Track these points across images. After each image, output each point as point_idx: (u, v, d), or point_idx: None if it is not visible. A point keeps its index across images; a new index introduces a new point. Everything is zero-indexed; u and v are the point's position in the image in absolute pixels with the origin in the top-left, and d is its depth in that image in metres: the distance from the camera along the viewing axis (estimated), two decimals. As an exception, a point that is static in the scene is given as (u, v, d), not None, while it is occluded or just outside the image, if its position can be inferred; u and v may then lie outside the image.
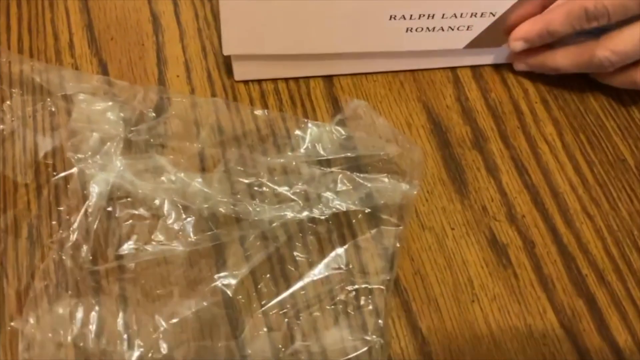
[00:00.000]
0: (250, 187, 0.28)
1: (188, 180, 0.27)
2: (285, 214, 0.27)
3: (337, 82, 0.36)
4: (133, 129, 0.29)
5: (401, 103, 0.36)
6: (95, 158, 0.27)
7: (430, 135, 0.35)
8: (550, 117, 0.35)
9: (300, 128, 0.30)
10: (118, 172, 0.27)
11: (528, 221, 0.32)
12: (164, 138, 0.31)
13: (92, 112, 0.28)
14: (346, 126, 0.31)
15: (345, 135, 0.30)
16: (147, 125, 0.29)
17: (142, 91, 0.30)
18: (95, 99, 0.29)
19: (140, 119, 0.29)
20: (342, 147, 0.30)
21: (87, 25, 0.38)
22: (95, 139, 0.27)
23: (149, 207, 0.27)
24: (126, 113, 0.29)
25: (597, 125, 0.35)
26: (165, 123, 0.30)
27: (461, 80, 0.36)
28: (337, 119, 0.31)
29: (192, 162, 0.31)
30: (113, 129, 0.28)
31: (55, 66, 0.34)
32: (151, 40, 0.37)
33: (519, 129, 0.35)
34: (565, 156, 0.34)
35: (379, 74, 0.36)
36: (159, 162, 0.27)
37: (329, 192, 0.28)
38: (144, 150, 0.30)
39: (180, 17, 0.38)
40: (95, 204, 0.27)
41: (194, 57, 0.37)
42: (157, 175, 0.27)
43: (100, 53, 0.37)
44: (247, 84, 0.36)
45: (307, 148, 0.29)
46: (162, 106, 0.31)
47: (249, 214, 0.27)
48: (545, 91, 0.36)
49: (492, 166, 0.34)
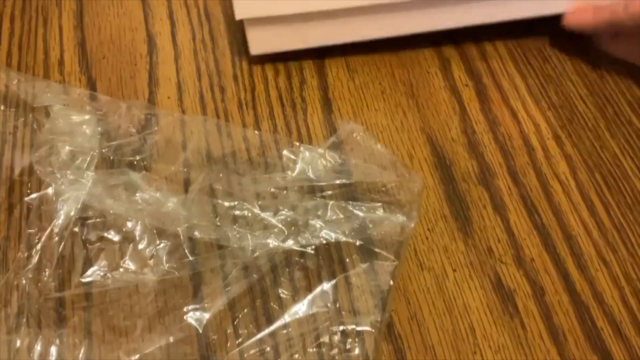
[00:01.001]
0: (231, 210, 0.26)
1: (163, 200, 0.25)
2: (267, 242, 0.25)
3: (336, 110, 0.34)
4: (110, 145, 0.27)
5: (403, 133, 0.33)
6: (65, 172, 0.25)
7: (433, 168, 0.32)
8: (563, 154, 0.33)
9: (292, 151, 0.28)
10: (89, 188, 0.25)
11: (537, 265, 0.29)
12: (146, 155, 0.29)
13: (67, 124, 0.26)
14: (341, 151, 0.29)
15: (339, 161, 0.28)
16: (127, 141, 0.27)
17: (124, 106, 0.29)
18: (71, 110, 0.27)
19: (120, 134, 0.28)
20: (335, 173, 0.27)
21: (80, 42, 0.36)
22: (66, 153, 0.25)
23: (120, 229, 0.25)
24: (104, 127, 0.27)
25: (614, 163, 0.32)
26: (147, 140, 0.28)
27: (468, 112, 0.34)
28: (331, 141, 0.29)
29: (174, 181, 0.29)
30: (87, 143, 0.26)
31: (40, 79, 0.32)
32: (144, 60, 0.36)
33: (529, 166, 0.32)
34: (579, 196, 0.31)
35: (381, 103, 0.34)
36: (133, 178, 0.25)
37: (317, 220, 0.25)
38: (121, 166, 0.28)
39: (177, 38, 0.37)
40: (62, 224, 0.25)
41: (187, 78, 0.35)
42: (131, 193, 0.25)
43: (90, 71, 0.35)
44: (240, 108, 0.34)
45: (297, 173, 0.27)
46: (146, 122, 0.29)
47: (229, 240, 0.25)
48: (557, 126, 0.34)
49: (499, 204, 0.31)
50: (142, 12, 0.38)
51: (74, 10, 0.38)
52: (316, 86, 0.35)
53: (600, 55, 0.36)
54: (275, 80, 0.35)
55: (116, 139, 0.27)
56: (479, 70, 0.36)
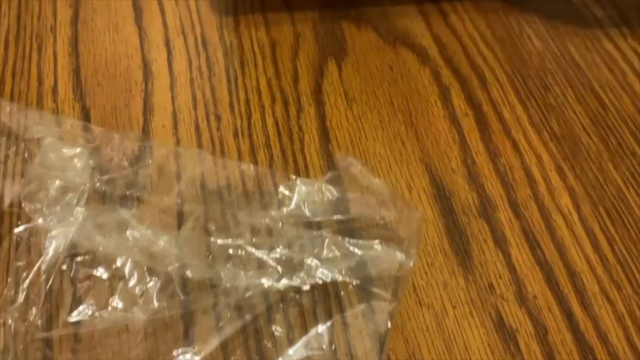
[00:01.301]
0: (224, 249, 0.25)
1: (154, 238, 0.24)
2: (261, 282, 0.24)
3: (333, 139, 0.34)
4: (102, 178, 0.26)
5: (402, 164, 0.33)
6: (54, 209, 0.24)
7: (432, 200, 0.31)
8: (566, 187, 0.32)
9: (287, 185, 0.27)
10: (78, 225, 0.24)
11: (540, 303, 0.28)
12: (139, 189, 0.29)
13: (58, 157, 0.26)
14: (339, 185, 0.28)
15: (337, 196, 0.27)
16: (119, 175, 0.27)
17: (117, 137, 0.28)
18: (63, 143, 0.26)
19: (113, 167, 0.27)
20: (332, 208, 0.27)
21: (74, 69, 0.36)
22: (56, 188, 0.24)
23: (110, 266, 0.24)
24: (96, 160, 0.26)
25: (618, 197, 0.32)
26: (140, 173, 0.27)
27: (468, 142, 0.34)
28: (328, 176, 0.28)
29: (167, 217, 0.28)
30: (78, 178, 0.25)
31: (34, 109, 0.32)
32: (139, 87, 0.35)
33: (531, 198, 0.32)
34: (583, 230, 0.30)
35: (379, 132, 0.34)
36: (123, 216, 0.24)
37: (314, 258, 0.25)
38: (114, 202, 0.27)
39: (173, 65, 0.36)
40: (50, 260, 0.24)
41: (182, 106, 0.34)
42: (122, 230, 0.24)
43: (85, 98, 0.34)
44: (236, 137, 0.33)
45: (293, 208, 0.26)
46: (140, 155, 0.29)
47: (221, 279, 0.24)
48: (560, 158, 0.33)
49: (500, 238, 0.30)
50: (138, 39, 0.37)
51: (69, 36, 0.37)
52: (313, 114, 0.35)
53: (602, 84, 0.36)
54: (272, 108, 0.35)
55: (108, 172, 0.26)
56: (479, 99, 0.35)
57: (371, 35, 0.38)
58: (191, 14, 0.39)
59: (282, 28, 0.38)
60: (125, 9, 0.39)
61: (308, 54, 0.37)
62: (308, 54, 0.37)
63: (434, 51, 0.37)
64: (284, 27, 0.39)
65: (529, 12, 0.40)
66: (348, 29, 0.39)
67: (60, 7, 0.39)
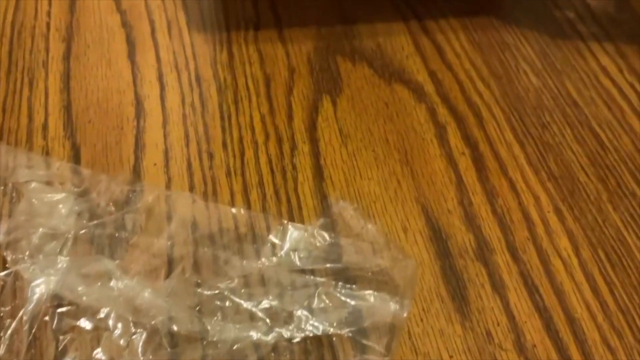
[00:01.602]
0: (212, 300, 0.24)
1: (140, 288, 0.23)
2: (250, 335, 0.23)
3: (327, 178, 0.33)
4: (88, 224, 0.26)
5: (397, 204, 0.32)
6: (36, 258, 0.23)
7: (428, 242, 0.31)
8: (565, 229, 0.31)
9: (279, 231, 0.26)
10: (62, 275, 0.23)
11: (539, 352, 0.27)
12: (128, 232, 0.28)
13: (43, 204, 0.25)
14: (331, 230, 0.27)
15: (329, 241, 0.26)
16: (105, 220, 0.26)
17: (105, 180, 0.27)
18: (48, 188, 0.26)
19: (99, 213, 0.26)
20: (325, 256, 0.26)
21: (66, 106, 0.35)
22: (39, 236, 0.24)
23: (93, 317, 0.24)
24: (82, 205, 0.26)
25: (618, 239, 0.31)
26: (127, 218, 0.27)
27: (465, 182, 0.33)
28: (320, 222, 0.27)
29: (157, 260, 0.27)
30: (63, 225, 0.25)
31: (23, 149, 0.31)
32: (131, 124, 0.35)
33: (529, 241, 0.31)
34: (582, 275, 0.30)
35: (374, 170, 0.33)
36: (108, 266, 0.24)
37: (304, 310, 0.24)
38: (102, 247, 0.27)
39: (166, 101, 0.36)
40: (32, 310, 0.23)
41: (175, 144, 0.34)
42: (106, 280, 0.23)
43: (75, 136, 0.34)
44: (229, 176, 0.33)
45: (285, 255, 0.25)
46: (128, 199, 0.28)
47: (209, 332, 0.23)
48: (558, 199, 0.32)
49: (498, 283, 0.29)
50: (131, 74, 0.37)
51: (60, 72, 0.37)
52: (307, 152, 0.34)
53: (600, 122, 0.36)
54: (265, 146, 0.34)
55: (94, 218, 0.26)
56: (476, 137, 0.35)
57: (366, 71, 0.38)
58: (185, 48, 0.39)
59: (276, 63, 0.38)
60: (118, 43, 0.38)
61: (302, 90, 0.37)
62: (302, 89, 0.37)
63: (429, 87, 0.37)
64: (278, 61, 0.38)
65: (525, 47, 0.39)
66: (343, 64, 0.38)
67: (53, 41, 0.38)
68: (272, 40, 0.39)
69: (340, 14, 0.41)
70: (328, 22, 0.40)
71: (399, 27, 0.40)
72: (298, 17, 0.40)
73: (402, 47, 0.39)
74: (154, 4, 0.41)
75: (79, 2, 0.41)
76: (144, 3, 0.41)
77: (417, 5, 0.42)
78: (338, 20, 0.40)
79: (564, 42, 0.40)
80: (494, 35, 0.40)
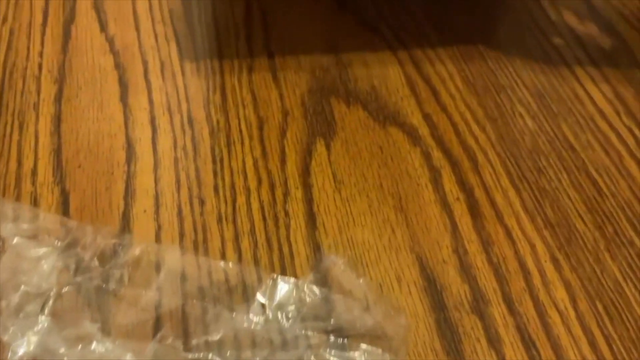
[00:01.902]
0: (198, 363, 0.23)
1: (121, 351, 0.22)
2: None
3: (320, 225, 0.32)
4: (71, 281, 0.25)
5: (391, 253, 0.32)
6: (17, 319, 0.23)
7: (422, 293, 0.30)
8: (562, 280, 0.31)
9: (269, 286, 0.26)
10: (41, 336, 0.23)
11: (536, 412, 0.27)
12: (115, 285, 0.27)
13: (25, 260, 0.24)
14: (322, 286, 0.27)
15: (320, 297, 0.26)
16: (89, 276, 0.25)
17: (91, 233, 0.27)
18: (32, 243, 0.25)
19: (83, 268, 0.26)
20: (315, 312, 0.25)
21: (56, 150, 0.35)
22: (20, 294, 0.23)
23: (76, 381, 0.23)
24: (66, 261, 0.25)
25: (616, 291, 0.30)
26: (112, 273, 0.26)
27: (460, 229, 0.33)
28: (311, 277, 0.27)
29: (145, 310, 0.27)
30: (44, 283, 0.24)
31: (9, 199, 0.31)
32: (122, 169, 0.34)
33: (526, 292, 0.30)
34: (580, 328, 0.29)
35: (368, 217, 0.33)
36: (89, 329, 0.23)
37: (293, 374, 0.23)
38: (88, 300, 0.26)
39: (158, 144, 0.36)
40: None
41: (165, 189, 0.33)
42: (87, 343, 0.23)
43: (64, 182, 0.33)
44: (220, 222, 0.32)
45: (273, 312, 0.25)
46: (113, 252, 0.27)
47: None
48: (555, 247, 0.32)
49: (494, 336, 0.29)
50: (123, 117, 0.37)
51: (52, 114, 0.36)
52: (300, 198, 0.34)
53: (597, 167, 0.35)
54: (257, 191, 0.34)
55: (78, 274, 0.25)
56: (471, 182, 0.34)
57: (361, 113, 0.38)
58: (178, 90, 0.38)
59: (270, 105, 0.38)
60: (111, 85, 0.38)
61: (296, 133, 0.36)
62: (296, 133, 0.36)
63: (424, 131, 0.37)
64: (272, 104, 0.38)
65: (521, 89, 0.39)
66: (337, 107, 0.38)
67: (45, 83, 0.38)
68: (266, 82, 0.39)
69: (335, 55, 0.41)
70: (323, 64, 0.40)
71: (393, 68, 0.40)
72: (293, 58, 0.40)
73: (396, 89, 0.39)
74: (148, 44, 0.41)
75: (72, 42, 0.41)
76: (137, 43, 0.41)
77: (411, 46, 0.41)
78: (333, 62, 0.40)
79: (560, 84, 0.39)
80: (489, 77, 0.40)
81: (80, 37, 0.41)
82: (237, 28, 0.42)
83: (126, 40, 0.41)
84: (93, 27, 0.41)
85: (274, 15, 0.43)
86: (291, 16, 0.43)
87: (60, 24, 0.41)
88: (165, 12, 0.43)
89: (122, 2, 0.43)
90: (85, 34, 0.41)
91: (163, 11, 0.43)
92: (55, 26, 0.41)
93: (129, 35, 0.41)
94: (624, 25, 0.43)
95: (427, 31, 0.43)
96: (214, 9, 0.43)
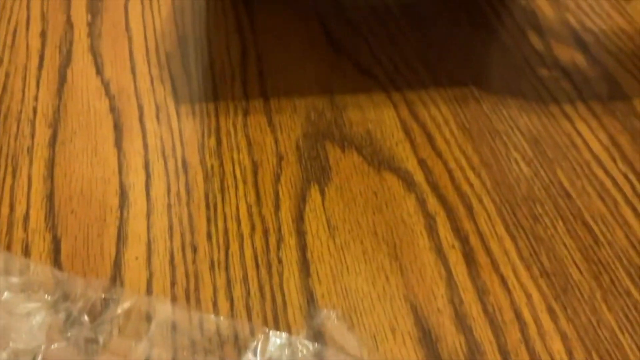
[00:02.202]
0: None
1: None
2: None
3: (314, 273, 0.32)
4: (61, 336, 0.25)
5: (385, 302, 0.31)
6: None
7: (417, 344, 0.30)
8: (558, 330, 0.30)
9: (260, 340, 0.25)
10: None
11: None
12: (105, 338, 0.27)
13: (13, 317, 0.24)
14: (316, 340, 0.26)
15: (312, 352, 0.25)
16: (78, 331, 0.25)
17: (81, 287, 0.27)
18: (20, 299, 0.25)
19: (73, 322, 0.25)
20: (307, 368, 0.25)
21: (48, 195, 0.35)
22: (8, 352, 0.23)
23: None
24: (55, 317, 0.25)
25: (612, 342, 0.30)
26: (100, 329, 0.26)
27: (455, 278, 0.32)
28: (304, 332, 0.26)
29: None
30: (33, 340, 0.24)
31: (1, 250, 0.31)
32: (114, 215, 0.34)
33: (522, 344, 0.30)
34: (577, 383, 0.29)
35: (362, 265, 0.32)
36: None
37: None
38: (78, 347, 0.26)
39: (151, 190, 0.35)
40: None
41: (158, 236, 0.33)
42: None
43: (56, 228, 0.33)
44: (212, 270, 0.32)
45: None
46: (103, 307, 0.27)
47: None
48: (551, 297, 0.31)
49: (489, 391, 0.28)
50: (117, 162, 0.37)
51: (45, 159, 0.36)
52: (294, 245, 0.33)
53: (594, 215, 0.35)
54: (251, 238, 0.34)
55: (67, 330, 0.25)
56: (466, 230, 0.34)
57: (355, 158, 0.38)
58: (173, 134, 0.38)
59: (264, 150, 0.38)
60: (105, 129, 0.38)
61: (290, 178, 0.36)
62: (290, 178, 0.36)
63: (419, 176, 0.37)
64: (267, 148, 0.38)
65: (516, 134, 0.39)
66: (332, 151, 0.38)
67: (39, 126, 0.38)
68: (261, 125, 0.39)
69: (330, 98, 0.41)
70: (318, 107, 0.40)
71: (388, 112, 0.40)
72: (288, 101, 0.40)
73: (391, 134, 0.39)
74: (144, 87, 0.41)
75: (68, 86, 0.41)
76: (133, 87, 0.41)
77: (406, 90, 0.42)
78: (328, 105, 0.40)
79: (555, 129, 0.39)
80: (484, 121, 0.40)
81: (76, 80, 0.41)
82: (232, 71, 0.42)
83: (122, 83, 0.41)
84: (89, 70, 0.42)
85: (270, 58, 0.44)
86: (287, 59, 0.44)
87: (56, 67, 0.42)
88: (161, 55, 0.43)
89: (118, 45, 0.44)
90: (81, 78, 0.41)
91: (159, 54, 0.43)
92: (51, 69, 0.42)
93: (125, 79, 0.41)
94: (621, 70, 0.43)
95: (421, 75, 0.43)
96: (210, 52, 0.44)
